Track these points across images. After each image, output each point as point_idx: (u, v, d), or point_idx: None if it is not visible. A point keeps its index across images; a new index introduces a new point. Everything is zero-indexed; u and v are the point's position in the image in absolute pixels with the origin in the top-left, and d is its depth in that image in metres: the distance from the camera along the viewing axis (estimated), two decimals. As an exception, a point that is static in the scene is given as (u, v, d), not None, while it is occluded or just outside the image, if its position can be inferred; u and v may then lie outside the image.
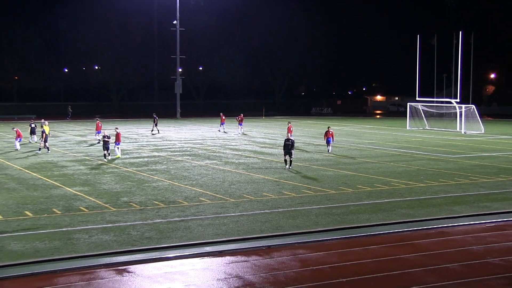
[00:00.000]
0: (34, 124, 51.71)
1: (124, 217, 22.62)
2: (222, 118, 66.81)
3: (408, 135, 61.24)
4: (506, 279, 16.17)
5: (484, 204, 25.46)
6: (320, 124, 70.83)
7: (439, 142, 52.53)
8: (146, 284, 15.69)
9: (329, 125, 53.46)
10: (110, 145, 38.49)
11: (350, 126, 73.98)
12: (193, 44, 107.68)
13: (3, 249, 18.36)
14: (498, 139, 56.45)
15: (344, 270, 16.84)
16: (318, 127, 69.23)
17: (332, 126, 55.63)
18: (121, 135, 42.15)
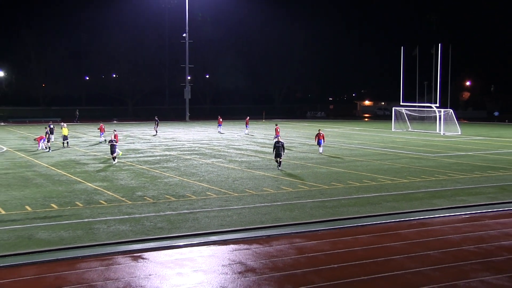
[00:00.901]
0: (52, 125, 52.02)
1: (139, 209, 22.67)
2: (219, 120, 68.24)
3: (393, 136, 61.23)
4: (479, 265, 16.21)
5: (461, 198, 25.49)
6: (314, 127, 70.72)
7: (420, 143, 52.54)
8: (158, 269, 15.74)
9: (322, 127, 53.55)
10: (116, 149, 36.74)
11: (341, 128, 73.97)
12: (200, 55, 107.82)
13: (32, 237, 18.44)
14: (473, 140, 56.46)
15: (335, 257, 16.88)
16: (312, 129, 69.25)
17: (325, 128, 55.86)
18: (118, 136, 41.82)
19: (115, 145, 36.42)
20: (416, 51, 69.44)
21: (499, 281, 14.97)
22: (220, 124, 67.33)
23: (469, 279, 15.06)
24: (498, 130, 71.16)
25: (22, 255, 16.74)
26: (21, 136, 57.72)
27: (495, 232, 19.94)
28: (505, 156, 41.79)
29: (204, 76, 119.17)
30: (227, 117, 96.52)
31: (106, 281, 14.70)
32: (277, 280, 14.87)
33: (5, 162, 37.18)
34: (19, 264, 16.05)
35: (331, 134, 60.93)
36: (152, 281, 14.77)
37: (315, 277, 15.12)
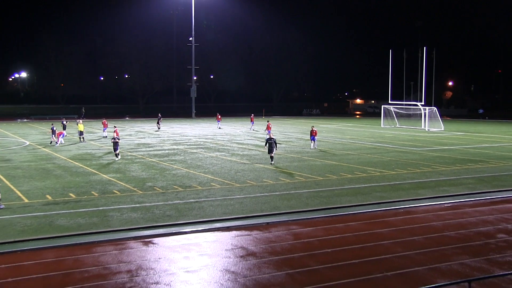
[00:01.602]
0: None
1: (149, 198, 22.72)
2: (218, 117, 68.89)
3: (382, 131, 61.23)
4: (460, 249, 16.27)
5: (443, 188, 25.53)
6: (309, 123, 70.72)
7: (407, 138, 52.53)
8: (167, 253, 15.80)
9: (317, 124, 53.57)
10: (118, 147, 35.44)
11: (335, 124, 73.94)
12: (205, 57, 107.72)
13: (52, 224, 18.50)
14: (455, 135, 56.45)
15: (329, 242, 16.94)
16: (308, 125, 69.19)
17: (320, 124, 55.80)
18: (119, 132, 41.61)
19: (118, 142, 35.41)
20: (404, 54, 69.57)
21: (477, 263, 15.04)
22: (219, 121, 68.04)
23: (450, 262, 15.12)
24: (478, 126, 71.15)
25: (43, 240, 16.82)
26: (42, 131, 57.74)
27: (474, 219, 20.00)
28: (484, 150, 41.80)
29: (209, 77, 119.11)
30: (231, 114, 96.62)
31: (119, 264, 14.76)
32: (275, 263, 14.92)
33: (27, 155, 37.22)
34: (40, 248, 16.13)
35: (325, 130, 60.95)
36: (162, 264, 14.83)
37: (310, 260, 15.18)
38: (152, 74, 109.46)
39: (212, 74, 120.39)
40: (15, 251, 15.82)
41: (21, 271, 14.33)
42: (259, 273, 14.15)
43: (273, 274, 14.08)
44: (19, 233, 17.47)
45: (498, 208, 21.91)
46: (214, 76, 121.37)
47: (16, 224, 18.52)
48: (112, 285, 13.28)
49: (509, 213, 20.94)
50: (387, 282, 13.57)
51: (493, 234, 18.04)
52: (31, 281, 13.60)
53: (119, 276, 13.84)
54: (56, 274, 14.11)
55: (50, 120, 71.25)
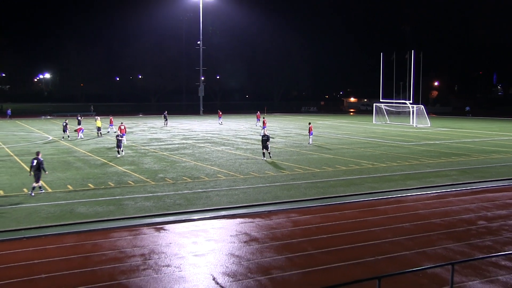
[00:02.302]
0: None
1: (161, 189, 22.75)
2: (219, 113, 69.77)
3: (374, 127, 61.18)
4: (444, 234, 16.28)
5: (430, 179, 25.52)
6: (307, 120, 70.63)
7: (397, 133, 52.50)
8: (177, 239, 15.83)
9: (314, 121, 53.55)
10: (121, 143, 34.05)
11: (331, 121, 73.87)
12: (212, 59, 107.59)
13: (73, 211, 18.55)
14: (440, 131, 56.37)
15: (325, 229, 16.96)
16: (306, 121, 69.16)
17: (317, 121, 55.76)
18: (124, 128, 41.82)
19: (121, 140, 34.03)
20: (394, 57, 69.45)
21: (460, 248, 15.05)
22: (220, 117, 68.64)
23: (436, 246, 15.13)
24: (461, 123, 70.99)
25: (65, 226, 16.88)
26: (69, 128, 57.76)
27: (457, 207, 19.99)
28: (466, 144, 41.73)
29: (215, 77, 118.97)
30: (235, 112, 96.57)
31: (133, 248, 14.81)
32: (276, 248, 14.95)
33: (50, 149, 37.31)
34: (62, 233, 16.19)
35: (322, 126, 60.92)
36: (172, 249, 14.87)
37: (308, 245, 15.20)
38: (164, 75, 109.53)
39: (218, 75, 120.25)
40: (40, 236, 15.89)
41: (46, 253, 14.39)
42: (261, 257, 14.18)
43: (274, 258, 14.10)
44: (44, 219, 17.53)
45: (479, 197, 21.89)
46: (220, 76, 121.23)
47: (41, 211, 18.59)
48: (127, 267, 13.32)
49: (489, 202, 20.93)
50: (378, 265, 13.59)
51: (474, 221, 18.04)
52: (54, 263, 13.66)
53: (134, 259, 13.89)
54: (76, 257, 14.17)
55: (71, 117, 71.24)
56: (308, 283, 12.39)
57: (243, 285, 12.27)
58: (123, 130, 40.57)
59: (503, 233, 16.64)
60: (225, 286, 12.22)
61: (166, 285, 12.22)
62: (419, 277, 12.60)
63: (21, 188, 22.72)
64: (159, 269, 13.23)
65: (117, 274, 12.84)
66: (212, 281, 12.47)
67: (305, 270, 13.22)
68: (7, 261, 13.78)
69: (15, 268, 13.27)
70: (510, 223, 17.81)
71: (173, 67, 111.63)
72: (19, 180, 24.69)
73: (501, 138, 47.80)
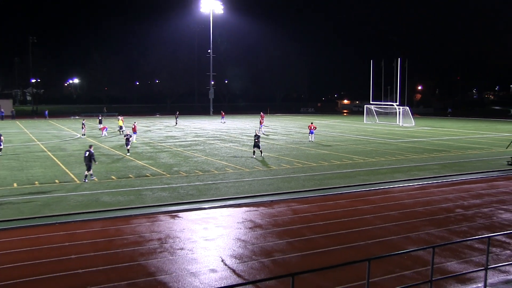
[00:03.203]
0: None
1: (175, 180, 22.80)
2: (222, 114, 70.29)
3: (364, 126, 61.07)
4: (427, 221, 16.27)
5: (414, 172, 25.50)
6: (306, 119, 70.72)
7: (385, 131, 52.41)
8: (189, 225, 15.88)
9: (312, 120, 53.44)
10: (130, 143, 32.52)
11: (326, 121, 73.73)
12: (221, 65, 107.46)
13: (98, 201, 18.63)
14: (423, 129, 56.22)
15: (321, 216, 16.98)
16: (305, 121, 69.11)
17: (314, 120, 55.56)
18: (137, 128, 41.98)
19: (130, 139, 32.72)
20: (382, 64, 69.33)
21: (440, 232, 15.05)
22: (223, 117, 68.88)
23: (419, 231, 15.14)
24: (441, 122, 70.73)
25: (91, 213, 16.95)
26: (89, 126, 57.91)
27: (438, 197, 19.97)
28: (446, 142, 41.63)
29: (223, 81, 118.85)
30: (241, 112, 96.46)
31: (151, 233, 14.86)
32: (277, 233, 14.98)
33: (78, 145, 37.42)
34: (89, 220, 16.26)
35: (319, 125, 60.66)
36: (185, 234, 14.92)
37: (306, 231, 15.22)
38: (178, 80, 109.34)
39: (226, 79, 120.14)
40: (70, 222, 15.97)
41: (75, 237, 14.47)
42: (264, 241, 14.21)
43: (276, 242, 14.13)
44: (73, 207, 17.62)
45: (457, 188, 21.86)
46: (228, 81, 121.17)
47: (70, 200, 18.68)
48: (146, 250, 13.38)
49: (465, 192, 20.90)
50: (369, 248, 13.60)
51: (452, 209, 18.03)
52: (82, 245, 13.74)
53: (151, 243, 13.94)
54: (101, 240, 14.24)
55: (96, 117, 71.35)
56: (306, 265, 12.42)
57: (248, 266, 12.30)
58: (135, 129, 40.59)
59: (477, 220, 16.63)
60: (232, 267, 12.26)
61: (180, 266, 12.27)
62: (404, 259, 12.62)
63: (53, 179, 22.81)
64: (174, 251, 13.28)
65: (137, 256, 12.90)
66: (221, 263, 12.51)
67: (303, 253, 13.25)
68: (42, 243, 13.87)
69: (49, 250, 13.36)
70: (483, 211, 17.80)
71: (186, 72, 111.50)
72: (51, 172, 24.80)
73: (476, 136, 47.64)
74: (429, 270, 10.04)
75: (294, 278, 8.10)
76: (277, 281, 11.09)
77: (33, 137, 44.67)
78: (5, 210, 17.23)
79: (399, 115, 64.98)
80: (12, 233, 14.88)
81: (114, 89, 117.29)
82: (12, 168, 26.24)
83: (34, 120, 73.07)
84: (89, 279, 11.40)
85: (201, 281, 11.33)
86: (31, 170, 25.45)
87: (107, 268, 12.05)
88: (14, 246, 13.74)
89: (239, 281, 11.43)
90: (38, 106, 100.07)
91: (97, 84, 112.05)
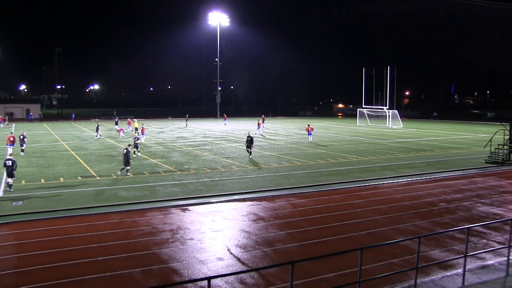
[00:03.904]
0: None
1: (186, 177, 22.85)
2: (224, 116, 70.69)
3: (357, 128, 60.96)
4: (413, 214, 16.26)
5: (402, 170, 25.47)
6: (304, 122, 70.63)
7: (376, 133, 52.30)
8: (198, 217, 15.93)
9: (310, 122, 53.39)
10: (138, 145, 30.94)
11: (323, 123, 73.62)
12: (227, 72, 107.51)
13: (116, 195, 18.70)
14: (411, 131, 56.08)
15: (318, 210, 17.00)
16: (303, 123, 69.06)
17: (312, 123, 55.49)
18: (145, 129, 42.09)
19: (137, 143, 30.89)
20: (373, 71, 69.29)
21: (425, 224, 15.06)
22: (224, 119, 69.02)
23: (406, 223, 15.14)
24: (427, 124, 70.52)
25: (110, 206, 17.03)
26: (108, 128, 58.09)
27: (423, 192, 19.96)
28: (430, 142, 41.54)
29: (229, 87, 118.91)
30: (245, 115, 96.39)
31: (164, 225, 14.92)
32: (278, 225, 15.01)
33: (98, 145, 37.53)
34: (108, 212, 16.34)
35: (316, 127, 60.63)
36: (195, 225, 14.97)
37: (304, 223, 15.25)
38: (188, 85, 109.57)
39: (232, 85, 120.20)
40: (91, 214, 16.05)
41: (95, 228, 14.55)
42: (266, 232, 14.25)
43: (277, 233, 14.17)
44: (93, 200, 17.70)
45: (440, 184, 21.83)
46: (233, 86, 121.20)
47: (91, 194, 18.76)
48: (159, 240, 13.44)
49: (448, 188, 20.87)
50: (361, 239, 13.62)
51: (436, 203, 18.02)
52: (102, 235, 13.81)
53: (164, 234, 14.00)
54: (120, 231, 14.31)
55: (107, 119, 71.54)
56: (304, 254, 12.45)
57: (252, 255, 12.34)
58: (143, 130, 40.79)
59: (458, 212, 16.63)
60: (237, 255, 12.31)
61: (190, 254, 12.32)
62: (393, 248, 12.63)
63: (76, 176, 22.91)
64: (184, 241, 13.33)
65: (151, 245, 12.96)
66: (227, 252, 12.55)
67: (301, 243, 13.28)
68: (66, 233, 13.95)
69: (72, 239, 13.44)
70: (463, 204, 17.79)
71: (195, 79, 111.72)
72: (74, 170, 24.90)
73: (457, 137, 47.52)
74: (415, 258, 10.07)
75: (294, 265, 8.14)
76: (278, 268, 11.13)
77: (58, 137, 44.84)
78: (33, 203, 17.34)
79: (389, 117, 64.82)
80: (39, 223, 14.98)
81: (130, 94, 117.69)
82: (39, 165, 26.37)
83: (59, 122, 73.31)
84: (109, 266, 11.48)
85: (209, 268, 11.38)
86: (57, 168, 25.57)
87: (124, 256, 12.12)
88: (42, 235, 13.84)
89: (244, 268, 11.47)
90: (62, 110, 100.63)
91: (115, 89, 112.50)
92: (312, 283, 10.45)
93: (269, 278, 10.75)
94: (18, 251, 12.53)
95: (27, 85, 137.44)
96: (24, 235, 13.90)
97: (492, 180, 22.95)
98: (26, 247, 12.79)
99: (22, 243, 13.14)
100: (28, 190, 19.63)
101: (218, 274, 10.92)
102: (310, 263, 11.32)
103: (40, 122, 74.27)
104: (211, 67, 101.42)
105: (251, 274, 10.90)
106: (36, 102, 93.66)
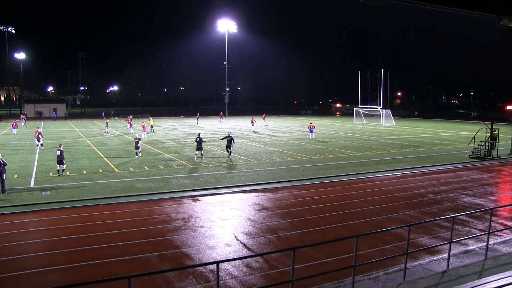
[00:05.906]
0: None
1: (197, 170, 22.91)
2: (221, 114, 70.04)
3: (354, 126, 60.74)
4: (404, 204, 16.23)
5: (394, 164, 25.40)
6: (305, 120, 70.45)
7: (371, 130, 52.11)
8: (208, 207, 15.99)
9: (312, 121, 53.23)
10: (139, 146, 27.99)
11: (322, 121, 73.42)
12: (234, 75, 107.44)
13: (133, 187, 18.80)
14: (402, 128, 55.81)
15: (318, 200, 17.01)
16: (304, 121, 68.90)
17: (313, 121, 55.36)
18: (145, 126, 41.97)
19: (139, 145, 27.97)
20: (368, 74, 69.04)
21: (415, 213, 15.03)
22: (221, 117, 68.36)
23: (398, 213, 15.13)
24: (417, 123, 70.14)
25: (128, 197, 17.13)
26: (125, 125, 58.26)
27: (413, 185, 19.91)
28: (420, 139, 41.34)
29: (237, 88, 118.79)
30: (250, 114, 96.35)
31: (177, 214, 15.00)
32: (281, 214, 15.05)
33: (117, 141, 37.69)
34: (127, 202, 16.43)
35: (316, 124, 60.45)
36: (205, 214, 15.03)
37: (305, 212, 15.28)
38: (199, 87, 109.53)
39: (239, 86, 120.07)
40: (111, 203, 16.16)
41: (116, 216, 14.66)
42: (270, 221, 14.29)
43: (280, 221, 14.21)
44: (113, 191, 17.82)
45: (429, 177, 21.76)
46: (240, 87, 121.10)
47: (111, 186, 18.88)
48: (173, 227, 13.52)
49: (435, 181, 20.80)
50: (357, 227, 13.63)
51: (425, 194, 17.97)
52: (122, 223, 13.92)
53: (177, 222, 14.08)
54: (137, 219, 14.41)
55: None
56: (305, 240, 12.49)
57: (257, 241, 12.40)
58: (144, 127, 40.95)
59: (444, 203, 16.58)
60: (243, 242, 12.36)
61: (201, 240, 12.39)
62: (385, 235, 12.64)
63: (97, 169, 23.05)
64: (196, 229, 13.41)
65: (165, 232, 13.04)
66: (234, 238, 12.61)
67: (303, 231, 13.31)
68: (89, 221, 14.07)
69: (94, 226, 13.56)
70: (449, 196, 17.73)
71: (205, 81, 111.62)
72: (95, 163, 25.05)
73: (444, 134, 47.27)
74: (405, 244, 10.08)
75: (295, 251, 8.18)
76: (280, 253, 11.17)
77: (81, 134, 45.06)
78: (60, 193, 17.49)
79: (382, 116, 64.52)
80: (65, 212, 15.11)
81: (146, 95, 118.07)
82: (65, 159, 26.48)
83: (82, 120, 73.66)
84: (127, 250, 11.57)
85: (218, 253, 11.44)
86: (80, 161, 25.73)
87: (141, 242, 12.21)
88: (67, 222, 13.97)
89: (249, 253, 11.53)
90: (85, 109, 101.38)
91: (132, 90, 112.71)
92: (312, 267, 10.49)
93: (273, 263, 10.80)
94: (47, 235, 12.67)
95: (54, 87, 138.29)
96: (52, 222, 14.04)
97: (475, 174, 22.86)
98: (54, 232, 12.93)
99: (50, 229, 13.29)
100: (55, 181, 19.79)
101: (226, 258, 10.97)
102: (310, 249, 11.36)
103: (66, 120, 74.64)
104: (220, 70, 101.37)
105: (256, 258, 10.96)
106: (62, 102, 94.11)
